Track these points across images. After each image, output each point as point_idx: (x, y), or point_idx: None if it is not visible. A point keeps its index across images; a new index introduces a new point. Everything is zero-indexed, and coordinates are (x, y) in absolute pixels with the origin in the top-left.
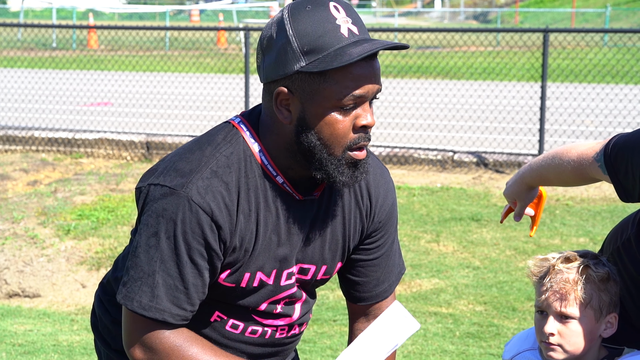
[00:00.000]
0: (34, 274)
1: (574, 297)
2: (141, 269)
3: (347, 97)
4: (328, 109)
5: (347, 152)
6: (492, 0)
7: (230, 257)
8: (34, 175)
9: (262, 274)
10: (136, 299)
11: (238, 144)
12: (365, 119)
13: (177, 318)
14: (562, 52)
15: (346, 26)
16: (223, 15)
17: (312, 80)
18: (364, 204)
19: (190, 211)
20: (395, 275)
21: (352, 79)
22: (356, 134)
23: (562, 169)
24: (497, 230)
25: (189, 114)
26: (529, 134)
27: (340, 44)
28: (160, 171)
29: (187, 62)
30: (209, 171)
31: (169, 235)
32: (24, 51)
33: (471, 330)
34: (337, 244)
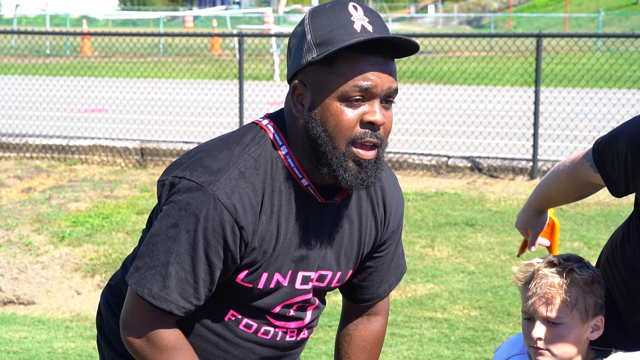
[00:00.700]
0: (29, 281)
1: (559, 301)
2: (157, 257)
3: (352, 88)
4: (335, 100)
5: (352, 148)
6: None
7: (248, 258)
8: (28, 182)
9: (279, 275)
10: (147, 286)
11: (266, 146)
12: (372, 115)
13: (182, 310)
14: (555, 57)
15: (361, 23)
16: (217, 21)
17: (321, 71)
18: (379, 212)
19: (215, 209)
20: (396, 275)
21: (359, 71)
22: (362, 129)
23: (559, 179)
24: (491, 235)
25: (183, 120)
26: (523, 138)
27: (350, 36)
28: (187, 166)
29: (181, 68)
30: (237, 172)
31: (189, 230)
32: (17, 58)
33: (466, 335)
34: (352, 251)
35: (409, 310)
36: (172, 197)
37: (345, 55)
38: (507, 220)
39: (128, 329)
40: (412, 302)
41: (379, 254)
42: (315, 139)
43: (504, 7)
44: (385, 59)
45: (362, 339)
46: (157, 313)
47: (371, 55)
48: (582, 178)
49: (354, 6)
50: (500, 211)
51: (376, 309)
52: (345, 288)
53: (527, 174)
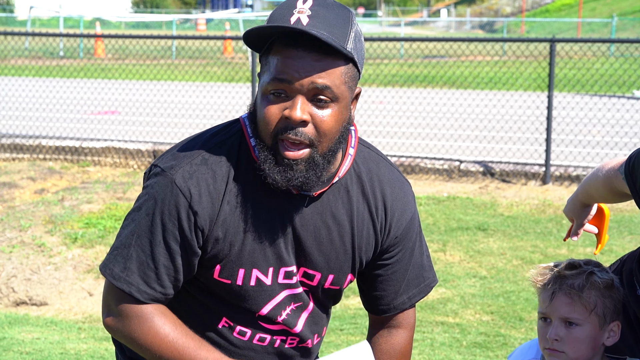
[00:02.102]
0: (41, 282)
1: (578, 303)
2: (120, 240)
3: (272, 80)
4: (262, 91)
5: (277, 143)
6: (498, 10)
7: (214, 249)
8: (41, 183)
9: (258, 272)
10: (109, 267)
11: (236, 137)
12: (290, 111)
13: (144, 295)
14: (568, 62)
15: (297, 16)
16: (230, 24)
17: (262, 63)
18: (378, 217)
19: (171, 193)
20: (418, 287)
21: (282, 64)
22: (281, 123)
23: (597, 184)
24: (503, 240)
25: (195, 122)
26: (536, 143)
27: (280, 29)
28: (164, 154)
29: (193, 70)
30: (200, 158)
31: (148, 213)
32: (31, 60)
33: (478, 340)
34: (345, 255)
35: (421, 314)
36: (145, 183)
37: (276, 47)
38: (519, 225)
39: (104, 313)
40: (423, 306)
41: (386, 261)
42: (254, 130)
43: (516, 11)
44: (308, 53)
45: (383, 352)
46: (122, 295)
47: (293, 49)
48: (616, 188)
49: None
50: (512, 216)
51: (397, 322)
52: (362, 298)
53: (540, 179)
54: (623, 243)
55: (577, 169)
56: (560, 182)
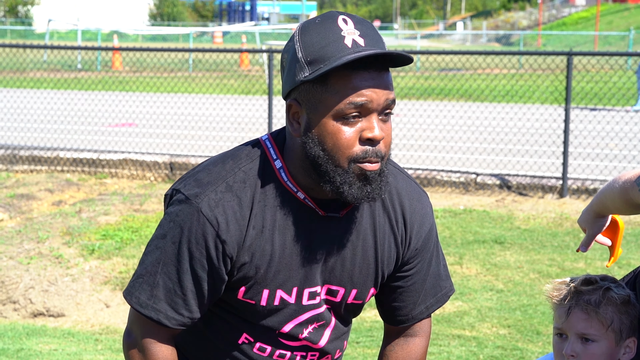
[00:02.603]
0: (59, 294)
1: (595, 319)
2: (145, 267)
3: (347, 105)
4: (330, 118)
5: (355, 164)
6: (514, 23)
7: (240, 273)
8: (58, 195)
9: (282, 292)
10: (135, 295)
11: (259, 160)
12: (371, 132)
13: (172, 321)
14: (585, 75)
15: (351, 37)
16: (246, 37)
17: (314, 90)
18: (399, 230)
19: (198, 222)
20: (435, 297)
21: (352, 87)
22: (363, 146)
23: (612, 195)
24: (520, 253)
25: (212, 135)
26: (553, 156)
27: (342, 53)
28: (185, 178)
29: (210, 83)
30: (224, 185)
31: (174, 241)
32: (49, 72)
33: (495, 353)
34: (368, 269)
35: (437, 327)
36: (167, 208)
37: (338, 72)
38: (536, 239)
39: (127, 335)
40: (440, 319)
41: (406, 273)
42: (314, 158)
43: (533, 24)
44: (379, 72)
45: (400, 358)
46: (150, 324)
47: (364, 71)
48: (631, 199)
49: (344, 19)
50: (529, 229)
51: (414, 331)
52: (379, 309)
53: (557, 192)
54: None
55: (595, 182)
56: (578, 196)
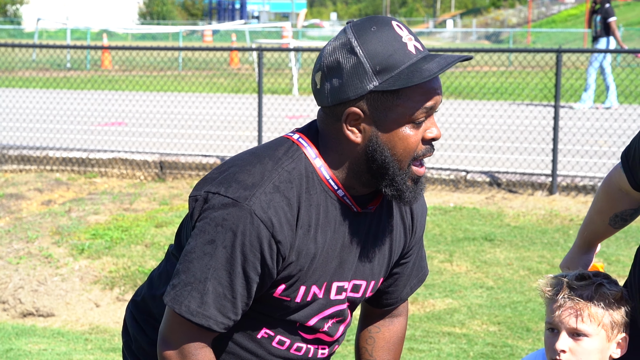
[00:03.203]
0: (48, 293)
1: (587, 314)
2: (193, 274)
3: (420, 111)
4: (402, 124)
5: (412, 166)
6: (504, 21)
7: (285, 272)
8: (48, 194)
9: (316, 288)
10: (185, 304)
11: (300, 159)
12: (433, 132)
13: (220, 326)
14: (575, 72)
15: (412, 43)
16: (236, 35)
17: (385, 98)
18: (407, 219)
19: (252, 224)
20: (418, 277)
21: (423, 93)
22: (425, 145)
23: (597, 196)
24: (510, 250)
25: (202, 133)
26: (542, 154)
27: (410, 60)
28: (220, 181)
29: (200, 82)
30: (272, 186)
31: (225, 245)
32: (38, 71)
33: (485, 350)
34: (384, 260)
35: (427, 325)
36: (205, 212)
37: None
38: (526, 236)
39: (166, 344)
40: (430, 317)
41: (405, 259)
42: (383, 164)
43: (522, 22)
44: (437, 76)
45: (386, 340)
46: (196, 330)
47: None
48: (614, 185)
49: (398, 26)
50: (519, 226)
51: (398, 311)
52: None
53: (546, 189)
54: (630, 253)
55: (584, 179)
56: (567, 193)
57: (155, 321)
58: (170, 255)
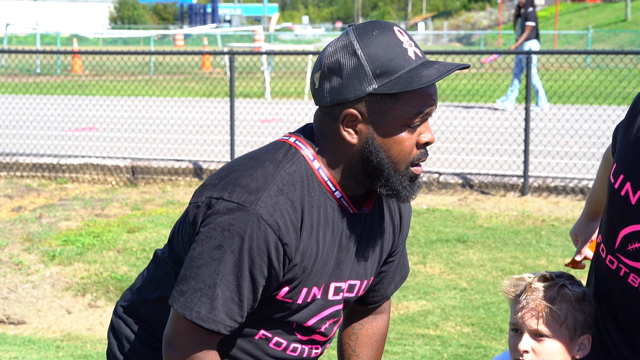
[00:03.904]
0: (19, 301)
1: (549, 315)
2: (202, 280)
3: (416, 115)
4: (397, 128)
5: (410, 168)
6: (475, 23)
7: (290, 274)
8: (18, 201)
9: (316, 289)
10: (195, 310)
11: (300, 162)
12: (427, 137)
13: (228, 329)
14: (545, 73)
15: (412, 49)
16: (207, 39)
17: (383, 101)
18: (395, 219)
19: (259, 228)
20: (401, 275)
21: (420, 98)
22: (419, 149)
23: (600, 168)
24: (483, 252)
25: (174, 138)
26: (514, 155)
27: (410, 66)
28: (222, 186)
29: (172, 86)
30: (276, 189)
31: (233, 250)
32: (7, 77)
33: (459, 352)
34: (376, 259)
35: (402, 327)
36: (210, 218)
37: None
38: (498, 237)
39: (173, 349)
40: (404, 319)
41: (392, 258)
42: (378, 166)
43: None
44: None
45: (369, 336)
46: (205, 334)
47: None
48: (609, 156)
49: (399, 31)
50: (491, 227)
51: (381, 308)
52: None
53: (518, 191)
54: None
55: (555, 180)
56: (539, 193)
57: (146, 325)
58: (161, 261)
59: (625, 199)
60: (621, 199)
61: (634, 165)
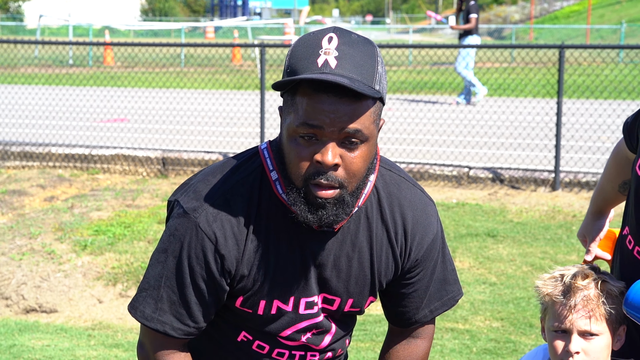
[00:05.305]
0: (51, 290)
1: (598, 314)
2: (148, 281)
3: (301, 124)
4: (291, 133)
5: (309, 185)
6: (506, 17)
7: (239, 285)
8: (50, 191)
9: (279, 302)
10: (140, 309)
11: (256, 172)
12: (320, 155)
13: (179, 332)
14: (577, 68)
15: (325, 57)
16: (238, 32)
17: (286, 102)
18: (398, 242)
19: (197, 237)
20: (440, 300)
21: (312, 108)
22: (312, 167)
23: (607, 165)
24: (513, 246)
25: (204, 130)
26: (545, 150)
27: (307, 71)
28: (186, 189)
29: (202, 78)
30: (222, 199)
31: (175, 255)
32: (41, 68)
33: (488, 346)
34: (364, 280)
35: None
36: (169, 220)
37: (304, 90)
38: (528, 232)
39: (140, 348)
40: None
41: (408, 281)
42: (284, 170)
43: (525, 18)
44: (339, 99)
45: (400, 358)
46: (159, 336)
47: (324, 94)
48: (622, 153)
49: (329, 37)
50: (521, 222)
51: (417, 333)
52: (384, 310)
53: (549, 185)
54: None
55: (587, 175)
56: (570, 189)
57: None
58: None
59: None
60: None
61: None
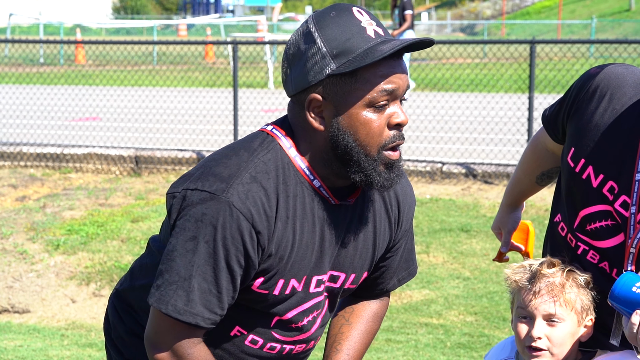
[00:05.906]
0: (24, 290)
1: (562, 300)
2: (177, 272)
3: (379, 93)
4: (362, 108)
5: (383, 152)
6: (478, 13)
7: (264, 264)
8: (22, 190)
9: (295, 281)
10: (171, 303)
11: (275, 150)
12: (399, 117)
13: (207, 322)
14: (548, 63)
15: (372, 28)
16: (211, 29)
17: (343, 82)
18: (392, 213)
19: (231, 216)
20: (407, 270)
21: (382, 75)
22: (391, 131)
23: (523, 156)
24: (486, 241)
25: (177, 128)
26: (517, 144)
27: (369, 43)
28: (197, 177)
29: (175, 76)
30: (249, 176)
31: (207, 240)
32: (11, 67)
33: (462, 340)
34: (367, 253)
35: (405, 316)
36: (185, 210)
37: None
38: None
39: (156, 347)
40: (407, 308)
41: (392, 253)
42: (345, 149)
43: (497, 14)
44: (399, 60)
45: (365, 311)
46: (184, 328)
47: (390, 59)
48: (541, 145)
49: (358, 11)
50: (494, 217)
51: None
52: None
53: None
54: None
55: None
56: None
57: (133, 311)
58: (151, 249)
59: (586, 182)
60: (582, 181)
61: (595, 150)
